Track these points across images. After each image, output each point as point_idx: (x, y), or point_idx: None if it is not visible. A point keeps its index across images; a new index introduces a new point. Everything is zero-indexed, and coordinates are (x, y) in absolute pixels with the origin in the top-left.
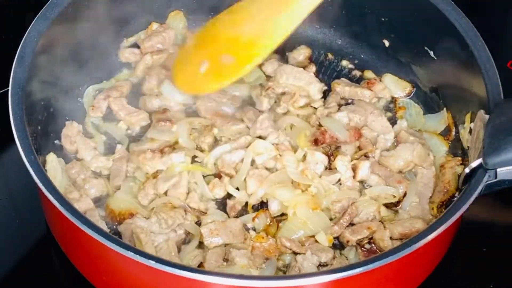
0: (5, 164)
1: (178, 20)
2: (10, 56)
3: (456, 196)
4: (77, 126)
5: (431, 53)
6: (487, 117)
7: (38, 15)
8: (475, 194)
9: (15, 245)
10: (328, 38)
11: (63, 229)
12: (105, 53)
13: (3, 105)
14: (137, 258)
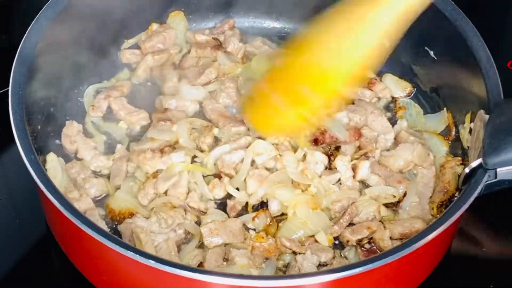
0: (5, 164)
1: (178, 20)
2: (10, 56)
3: (456, 196)
4: (77, 126)
5: (431, 53)
6: (487, 117)
7: (38, 15)
8: (475, 194)
9: (15, 245)
10: None
11: (63, 229)
12: (105, 53)
13: (3, 105)
14: (137, 258)
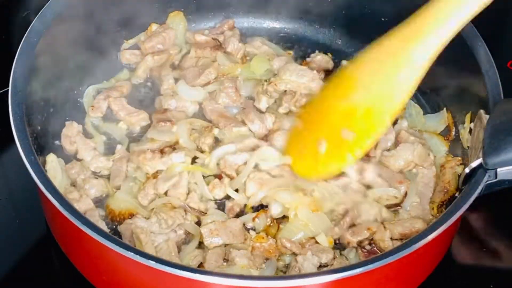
0: (5, 164)
1: (178, 21)
2: (10, 56)
3: (456, 196)
4: (77, 126)
5: None
6: (487, 117)
7: (38, 15)
8: (475, 194)
9: (15, 245)
10: (328, 38)
11: (63, 229)
12: (105, 53)
13: (3, 105)
14: (137, 259)
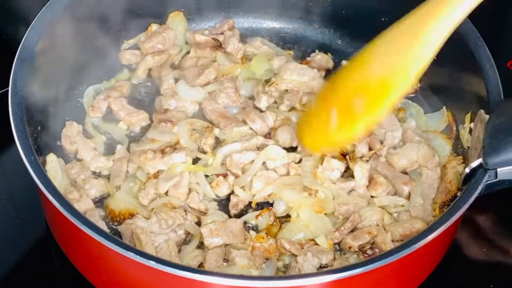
0: (5, 164)
1: (178, 21)
2: (10, 56)
3: (458, 195)
4: (77, 127)
5: None
6: (487, 117)
7: (38, 15)
8: (475, 194)
9: (15, 245)
10: (328, 38)
11: (63, 230)
12: (105, 54)
13: (3, 105)
14: (138, 259)
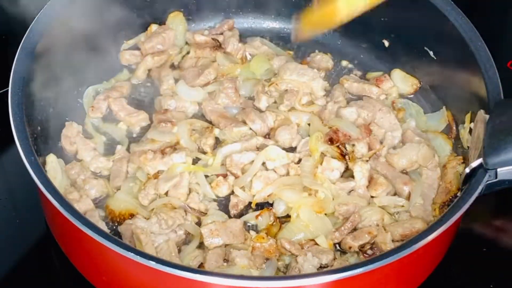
0: (5, 164)
1: (178, 21)
2: (10, 56)
3: (458, 195)
4: (77, 127)
5: (431, 53)
6: (487, 117)
7: (38, 15)
8: (475, 194)
9: (15, 245)
10: (328, 38)
11: (63, 230)
12: (105, 54)
13: (3, 105)
14: (138, 259)
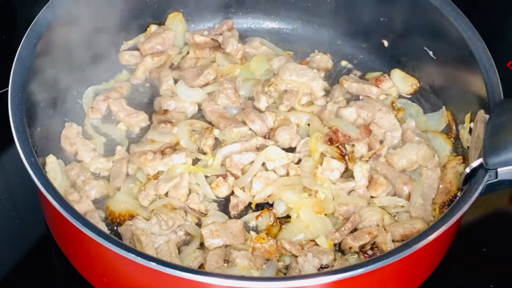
0: (5, 165)
1: (177, 22)
2: (10, 56)
3: (458, 195)
4: (76, 128)
5: (431, 53)
6: (487, 117)
7: (38, 15)
8: (476, 194)
9: (15, 245)
10: (328, 38)
11: (63, 231)
12: (105, 54)
13: (3, 106)
14: (138, 260)
